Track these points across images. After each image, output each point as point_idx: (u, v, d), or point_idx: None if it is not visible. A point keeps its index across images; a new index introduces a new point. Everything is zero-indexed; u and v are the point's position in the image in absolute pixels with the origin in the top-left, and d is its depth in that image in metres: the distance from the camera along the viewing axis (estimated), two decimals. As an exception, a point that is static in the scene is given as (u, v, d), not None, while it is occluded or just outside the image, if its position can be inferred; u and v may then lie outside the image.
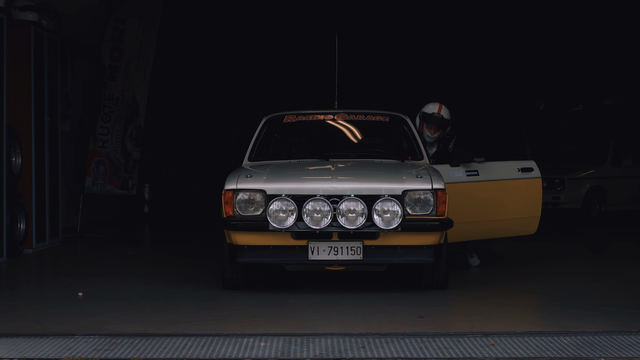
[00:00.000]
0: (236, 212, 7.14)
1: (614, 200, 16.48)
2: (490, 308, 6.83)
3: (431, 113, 8.95)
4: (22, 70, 10.60)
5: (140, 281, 8.51)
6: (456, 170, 8.71)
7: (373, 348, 5.22)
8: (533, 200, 8.89)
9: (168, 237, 14.20)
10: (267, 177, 7.36)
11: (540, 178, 8.97)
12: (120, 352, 5.11)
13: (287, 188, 7.14)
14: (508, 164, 9.00)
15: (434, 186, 7.16)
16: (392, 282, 8.11)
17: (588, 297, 7.34)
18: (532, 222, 8.95)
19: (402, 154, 8.52)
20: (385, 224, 7.01)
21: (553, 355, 5.04)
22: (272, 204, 7.02)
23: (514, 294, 7.63)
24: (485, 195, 8.77)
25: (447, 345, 5.30)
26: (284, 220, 7.01)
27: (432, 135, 8.99)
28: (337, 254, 7.08)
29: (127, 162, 14.15)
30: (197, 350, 5.16)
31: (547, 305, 7.22)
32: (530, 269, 9.41)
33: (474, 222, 8.66)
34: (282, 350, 5.16)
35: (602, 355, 5.03)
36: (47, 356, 5.00)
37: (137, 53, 14.06)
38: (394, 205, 7.01)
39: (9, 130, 10.14)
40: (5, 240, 9.94)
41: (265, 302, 7.00)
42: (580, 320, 6.22)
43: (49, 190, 11.45)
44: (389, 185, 7.20)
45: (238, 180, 7.23)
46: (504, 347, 5.25)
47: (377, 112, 8.93)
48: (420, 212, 7.13)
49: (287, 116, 8.87)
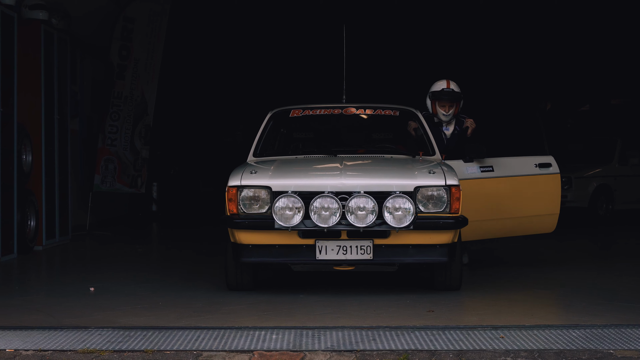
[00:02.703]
0: (240, 209, 6.88)
1: (621, 198, 16.52)
2: (500, 303, 6.87)
3: (440, 89, 8.66)
4: (33, 68, 10.66)
5: (151, 277, 8.58)
6: (470, 165, 8.37)
7: (384, 340, 5.27)
8: (551, 197, 8.59)
9: (176, 234, 14.27)
10: (272, 173, 7.12)
11: (559, 174, 8.68)
12: (134, 343, 5.17)
13: (293, 184, 6.87)
14: (524, 160, 8.68)
15: (447, 182, 6.89)
16: (402, 281, 8.13)
17: (597, 293, 7.38)
18: (551, 219, 8.65)
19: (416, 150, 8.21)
20: (396, 221, 6.73)
21: (562, 347, 5.09)
22: (278, 201, 6.74)
23: (523, 290, 7.64)
24: (501, 192, 8.43)
25: (457, 338, 5.34)
26: (291, 218, 6.73)
27: (447, 112, 8.66)
28: (346, 254, 6.81)
29: (136, 160, 14.21)
30: (209, 342, 5.22)
31: (556, 300, 7.27)
32: (538, 265, 9.45)
33: (488, 220, 8.34)
34: (293, 342, 5.21)
35: (611, 348, 5.07)
36: (61, 347, 5.05)
37: (146, 52, 14.13)
38: (406, 202, 6.73)
39: (19, 128, 10.21)
40: (16, 237, 10.00)
41: (276, 298, 7.05)
42: (589, 315, 6.27)
43: (59, 188, 11.52)
44: (400, 181, 6.91)
45: (242, 176, 6.98)
46: (514, 340, 5.29)
47: (387, 106, 8.67)
48: (433, 209, 6.85)
49: (293, 110, 8.60)
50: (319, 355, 4.91)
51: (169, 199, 18.53)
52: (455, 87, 8.67)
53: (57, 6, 11.44)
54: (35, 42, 10.74)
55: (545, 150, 9.09)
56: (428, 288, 7.42)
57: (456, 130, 8.76)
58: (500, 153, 8.77)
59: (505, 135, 16.27)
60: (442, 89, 8.66)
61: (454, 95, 8.64)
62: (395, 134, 9.00)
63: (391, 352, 4.95)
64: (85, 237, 12.74)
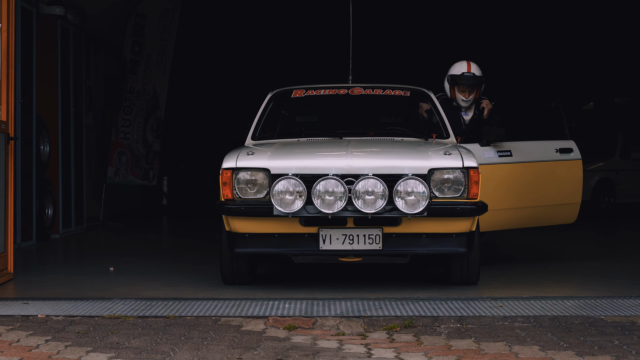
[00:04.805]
0: (235, 194, 6.23)
1: (622, 192, 16.86)
2: (498, 281, 7.17)
3: (461, 73, 7.95)
4: (49, 62, 11.02)
5: (166, 261, 8.94)
6: (486, 150, 7.70)
7: (390, 308, 5.62)
8: (573, 185, 8.01)
9: (187, 225, 14.63)
10: (271, 154, 6.48)
11: (580, 160, 8.03)
12: (156, 310, 5.53)
13: (294, 166, 6.20)
14: (544, 144, 8.03)
15: (465, 164, 6.23)
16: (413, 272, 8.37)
17: (593, 271, 7.77)
18: (572, 209, 8.08)
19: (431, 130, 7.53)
20: (409, 207, 6.07)
21: (557, 314, 5.43)
22: (277, 184, 6.08)
23: (522, 270, 7.96)
24: (519, 179, 7.83)
25: (458, 307, 5.69)
26: (291, 203, 6.07)
27: (467, 98, 8.01)
28: (352, 243, 6.18)
29: (148, 153, 14.61)
30: (227, 309, 5.57)
31: (553, 277, 7.57)
32: (537, 248, 9.78)
33: (505, 209, 7.73)
34: (305, 309, 5.56)
35: (602, 314, 5.41)
36: (89, 314, 5.41)
37: (158, 47, 14.53)
38: (419, 185, 6.07)
39: (37, 119, 10.58)
40: (34, 225, 10.38)
41: (286, 275, 7.39)
42: (584, 289, 6.69)
43: (75, 178, 11.89)
44: (413, 162, 6.25)
45: (238, 158, 6.32)
46: (511, 308, 5.64)
47: (397, 86, 7.99)
48: (449, 194, 6.21)
49: (295, 91, 7.94)
50: (329, 320, 5.25)
51: (178, 194, 18.93)
52: (477, 71, 7.99)
53: (72, 2, 11.82)
54: (52, 37, 11.10)
55: (566, 135, 8.27)
56: (442, 283, 6.88)
57: (475, 114, 8.14)
58: (517, 137, 8.16)
59: (523, 118, 15.89)
60: (463, 73, 7.97)
61: (475, 80, 7.96)
62: (406, 116, 8.35)
63: (396, 318, 5.29)
64: (99, 227, 13.10)
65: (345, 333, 5.03)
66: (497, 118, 8.08)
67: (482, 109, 8.07)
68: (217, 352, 4.53)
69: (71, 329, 5.04)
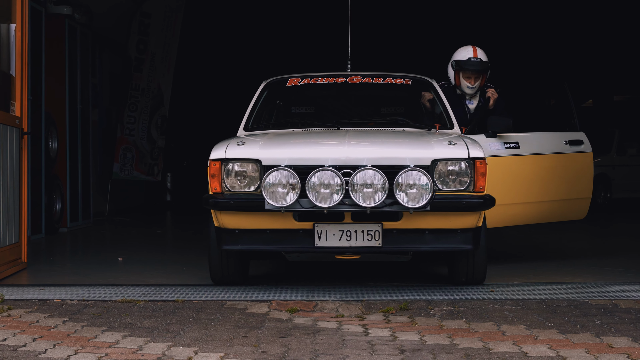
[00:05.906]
0: (225, 187, 5.85)
1: (618, 187, 17.16)
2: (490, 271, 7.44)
3: (467, 59, 7.60)
4: (57, 60, 11.33)
5: (172, 252, 9.27)
6: (493, 141, 7.32)
7: (386, 293, 5.94)
8: (583, 179, 7.69)
9: (191, 220, 14.93)
10: (263, 144, 6.08)
11: (591, 152, 7.74)
12: (166, 295, 5.85)
13: (287, 157, 5.78)
14: (553, 135, 7.65)
15: (471, 154, 5.81)
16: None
17: (583, 259, 8.09)
18: (582, 204, 7.77)
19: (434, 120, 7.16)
20: (410, 201, 5.64)
21: (544, 298, 5.74)
22: (269, 176, 5.65)
23: (514, 260, 8.28)
24: (528, 172, 7.43)
25: (451, 291, 6.02)
26: (284, 197, 5.64)
27: (473, 85, 7.64)
28: (350, 240, 5.76)
29: (153, 149, 14.93)
30: (232, 294, 5.89)
31: (544, 265, 7.86)
32: (531, 239, 10.09)
33: (513, 205, 7.34)
34: (306, 295, 5.88)
35: (587, 298, 5.72)
36: (102, 298, 5.73)
37: (162, 46, 14.87)
38: (422, 177, 5.63)
39: (46, 115, 10.89)
40: (44, 218, 10.69)
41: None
42: (573, 276, 7.02)
43: (82, 174, 12.21)
44: (415, 153, 5.83)
45: (227, 148, 5.92)
46: (502, 292, 5.96)
47: (398, 74, 7.58)
48: (454, 187, 5.79)
49: (290, 79, 7.53)
50: (329, 304, 5.56)
51: (181, 190, 19.25)
52: (483, 56, 7.64)
53: (79, 2, 12.13)
54: (60, 36, 11.40)
55: (575, 126, 7.88)
56: (444, 282, 6.58)
57: (480, 103, 7.78)
58: (525, 128, 7.91)
59: (531, 108, 15.45)
60: (469, 58, 7.60)
61: (481, 66, 7.59)
62: (408, 106, 7.94)
63: (393, 301, 5.60)
64: (105, 221, 13.42)
65: (344, 315, 5.34)
66: (503, 105, 7.77)
67: (488, 98, 7.75)
68: (224, 331, 4.84)
69: (86, 311, 5.36)
